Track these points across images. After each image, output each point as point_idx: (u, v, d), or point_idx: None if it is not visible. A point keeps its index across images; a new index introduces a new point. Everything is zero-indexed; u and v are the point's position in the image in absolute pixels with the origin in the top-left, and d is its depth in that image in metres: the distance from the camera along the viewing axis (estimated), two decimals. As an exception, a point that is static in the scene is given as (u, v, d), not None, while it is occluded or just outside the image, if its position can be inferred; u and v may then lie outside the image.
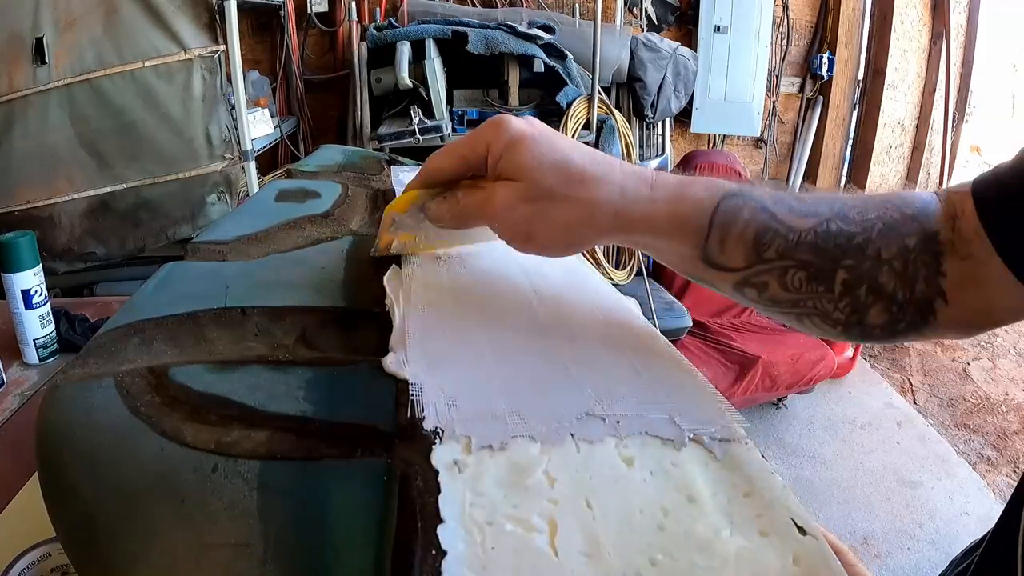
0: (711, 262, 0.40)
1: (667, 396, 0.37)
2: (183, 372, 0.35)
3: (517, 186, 0.38)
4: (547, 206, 0.38)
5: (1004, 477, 2.32)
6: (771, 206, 0.39)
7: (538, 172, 0.38)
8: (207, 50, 1.94)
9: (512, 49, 2.27)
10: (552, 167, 0.38)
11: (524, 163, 0.38)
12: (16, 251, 0.93)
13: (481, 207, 0.40)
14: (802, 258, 0.39)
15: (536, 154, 0.38)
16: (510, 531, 0.27)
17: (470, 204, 0.41)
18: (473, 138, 0.40)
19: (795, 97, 3.35)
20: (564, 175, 0.38)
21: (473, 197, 0.40)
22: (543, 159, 0.38)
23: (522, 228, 0.39)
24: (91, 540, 0.30)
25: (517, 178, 0.38)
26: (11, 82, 1.83)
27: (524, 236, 0.40)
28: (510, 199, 0.38)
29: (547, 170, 0.38)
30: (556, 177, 0.38)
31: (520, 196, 0.38)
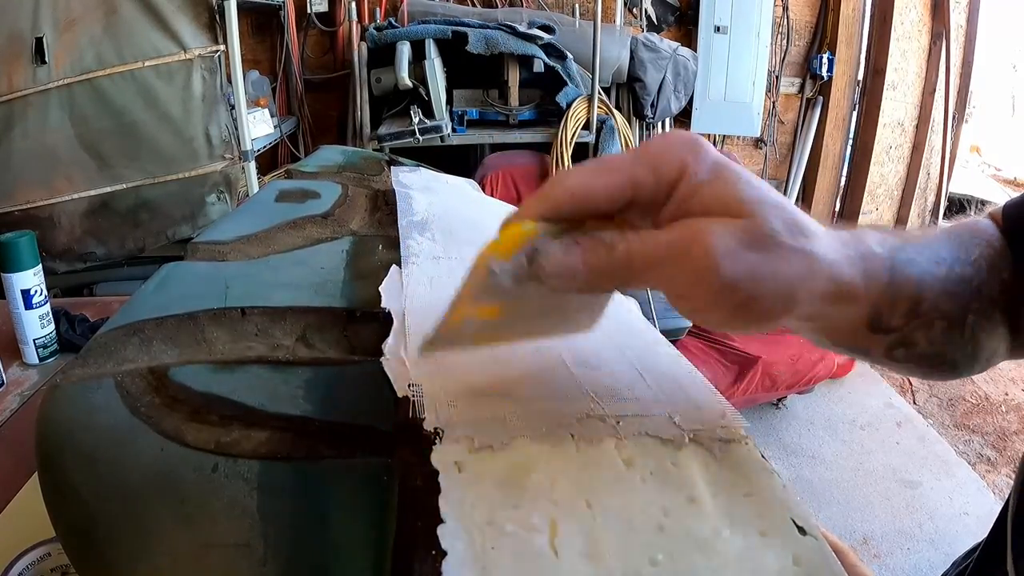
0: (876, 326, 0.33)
1: (667, 396, 0.37)
2: (183, 372, 0.35)
3: (738, 224, 0.26)
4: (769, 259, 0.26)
5: (1004, 477, 2.32)
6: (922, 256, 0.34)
7: (765, 208, 0.27)
8: (207, 50, 1.94)
9: (512, 49, 2.27)
10: (775, 205, 0.27)
11: (745, 195, 0.27)
12: (16, 251, 0.93)
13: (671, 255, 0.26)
14: (944, 308, 0.35)
15: (756, 185, 0.27)
16: (510, 531, 0.27)
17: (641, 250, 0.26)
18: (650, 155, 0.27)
19: (795, 97, 3.35)
20: (787, 218, 0.27)
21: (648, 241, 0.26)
22: (766, 193, 0.27)
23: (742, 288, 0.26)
24: (91, 540, 0.30)
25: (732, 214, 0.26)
26: (11, 82, 1.83)
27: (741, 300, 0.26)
28: (730, 242, 0.25)
29: (771, 208, 0.27)
30: (781, 219, 0.27)
31: (742, 239, 0.26)
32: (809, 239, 0.28)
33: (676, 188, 0.27)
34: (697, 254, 0.25)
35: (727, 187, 0.27)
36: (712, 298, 0.26)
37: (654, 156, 0.27)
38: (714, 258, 0.25)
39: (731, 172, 0.27)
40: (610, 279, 0.28)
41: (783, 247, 0.27)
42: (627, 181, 0.27)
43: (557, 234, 0.27)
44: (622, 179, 0.27)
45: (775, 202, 0.27)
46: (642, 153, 0.28)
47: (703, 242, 0.25)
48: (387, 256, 0.51)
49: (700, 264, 0.25)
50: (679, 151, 0.27)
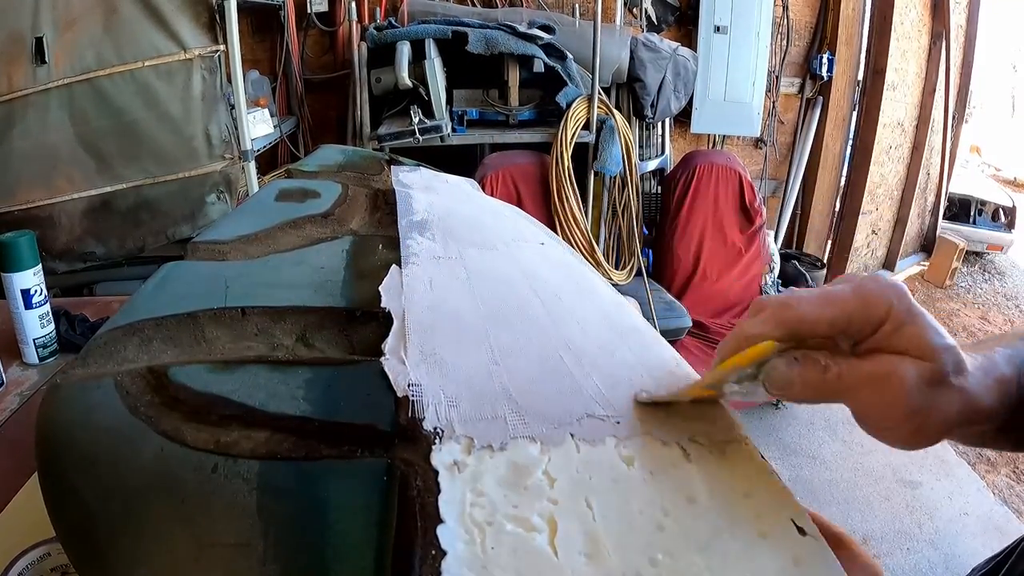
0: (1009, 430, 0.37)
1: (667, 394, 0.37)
2: (183, 372, 0.35)
3: (925, 367, 0.32)
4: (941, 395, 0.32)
5: (1003, 477, 2.32)
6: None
7: (944, 354, 0.32)
8: (207, 50, 1.94)
9: (512, 49, 2.27)
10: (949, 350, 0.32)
11: (932, 341, 0.32)
12: (16, 251, 0.93)
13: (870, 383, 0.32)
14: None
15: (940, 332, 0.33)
16: (510, 531, 0.27)
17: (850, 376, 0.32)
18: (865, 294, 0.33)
19: (795, 97, 3.35)
20: (956, 361, 0.33)
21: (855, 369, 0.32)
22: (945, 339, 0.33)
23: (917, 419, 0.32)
24: (91, 540, 0.30)
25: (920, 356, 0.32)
26: (11, 82, 1.83)
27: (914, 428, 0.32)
28: (916, 381, 0.31)
29: (948, 354, 0.32)
30: (952, 363, 0.32)
31: (927, 379, 0.32)
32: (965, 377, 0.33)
33: (881, 326, 0.32)
34: (894, 385, 0.32)
35: (921, 332, 0.32)
36: (896, 422, 0.33)
37: (868, 296, 0.33)
38: (906, 391, 0.31)
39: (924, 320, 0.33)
40: (817, 393, 0.33)
41: (951, 387, 0.32)
42: (846, 316, 0.33)
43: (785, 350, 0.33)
44: (843, 313, 0.33)
45: (949, 347, 0.33)
46: (859, 291, 0.33)
47: (900, 377, 0.31)
48: (387, 256, 0.51)
49: (894, 394, 0.32)
50: (888, 295, 0.33)
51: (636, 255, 2.63)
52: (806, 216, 3.54)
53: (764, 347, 0.33)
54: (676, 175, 2.76)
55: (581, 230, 2.45)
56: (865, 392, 0.32)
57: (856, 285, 0.33)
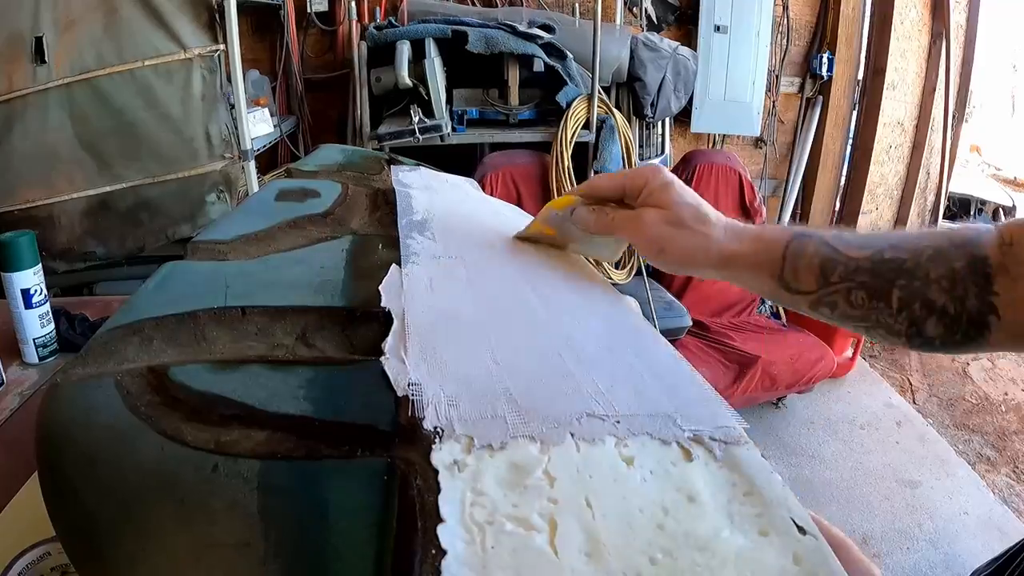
0: (788, 288, 0.49)
1: (667, 396, 0.37)
2: (183, 372, 0.35)
3: (663, 213, 0.50)
4: (679, 232, 0.50)
5: (1003, 477, 2.32)
6: (832, 241, 0.48)
7: (682, 207, 0.50)
8: (207, 49, 1.94)
9: (512, 48, 2.27)
10: (689, 207, 0.50)
11: (672, 198, 0.51)
12: (16, 250, 0.93)
13: (629, 221, 0.52)
14: (861, 280, 0.46)
15: (681, 194, 0.51)
16: (510, 531, 0.27)
17: (619, 217, 0.52)
18: (635, 172, 0.53)
19: (795, 97, 3.35)
20: (695, 214, 0.50)
21: (622, 213, 0.52)
22: (686, 199, 0.51)
23: (657, 244, 0.50)
24: (91, 540, 0.30)
25: (663, 207, 0.50)
26: (11, 82, 1.83)
27: (657, 249, 0.51)
28: (656, 220, 0.50)
29: (687, 207, 0.50)
30: (690, 214, 0.50)
31: (663, 219, 0.50)
32: (706, 226, 0.50)
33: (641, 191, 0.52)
34: (638, 221, 0.51)
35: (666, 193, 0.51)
36: (644, 246, 0.52)
37: (634, 173, 0.53)
38: (645, 224, 0.51)
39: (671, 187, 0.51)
40: (607, 228, 0.53)
41: (687, 227, 0.50)
42: (619, 184, 0.54)
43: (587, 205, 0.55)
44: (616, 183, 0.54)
45: (690, 204, 0.51)
46: (631, 171, 0.54)
47: (642, 216, 0.51)
48: (387, 255, 0.51)
49: (638, 226, 0.51)
50: (645, 172, 0.53)
51: (636, 255, 2.63)
52: (806, 216, 3.53)
53: (569, 199, 0.56)
54: (676, 174, 2.75)
55: (581, 230, 2.45)
56: (626, 226, 0.52)
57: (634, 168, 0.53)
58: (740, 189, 2.71)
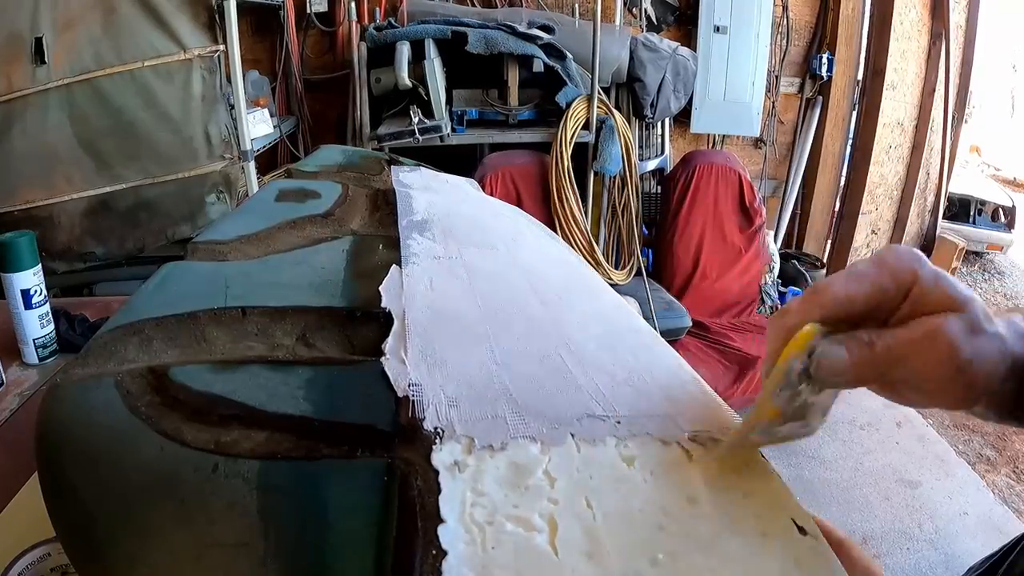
0: None
1: (667, 396, 0.37)
2: (183, 372, 0.35)
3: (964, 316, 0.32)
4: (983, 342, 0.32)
5: (1003, 477, 2.32)
6: None
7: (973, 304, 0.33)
8: (206, 50, 1.94)
9: (512, 49, 2.27)
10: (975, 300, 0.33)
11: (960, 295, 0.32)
12: (16, 251, 0.93)
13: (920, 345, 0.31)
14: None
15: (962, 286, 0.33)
16: (510, 531, 0.27)
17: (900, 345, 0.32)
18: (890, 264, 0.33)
19: (794, 97, 3.35)
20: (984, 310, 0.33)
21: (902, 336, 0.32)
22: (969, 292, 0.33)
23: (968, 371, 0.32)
24: (91, 540, 0.30)
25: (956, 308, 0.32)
26: (10, 82, 1.83)
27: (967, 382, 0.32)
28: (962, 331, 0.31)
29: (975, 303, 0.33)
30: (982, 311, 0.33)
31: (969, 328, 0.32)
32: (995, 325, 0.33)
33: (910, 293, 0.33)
34: (941, 342, 0.31)
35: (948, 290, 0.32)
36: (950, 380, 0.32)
37: (893, 267, 0.33)
38: (956, 344, 0.31)
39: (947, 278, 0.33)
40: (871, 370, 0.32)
41: (988, 333, 0.32)
42: (879, 287, 0.33)
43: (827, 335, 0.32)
44: (874, 286, 0.33)
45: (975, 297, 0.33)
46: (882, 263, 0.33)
47: (945, 331, 0.31)
48: (387, 256, 0.51)
49: (943, 350, 0.31)
50: (910, 260, 0.33)
51: (636, 255, 2.63)
52: (806, 216, 3.54)
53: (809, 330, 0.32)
54: (676, 175, 2.76)
55: (581, 230, 2.45)
56: (914, 357, 0.31)
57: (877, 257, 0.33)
58: (740, 189, 2.71)
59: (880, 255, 0.34)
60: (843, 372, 0.32)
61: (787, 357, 0.32)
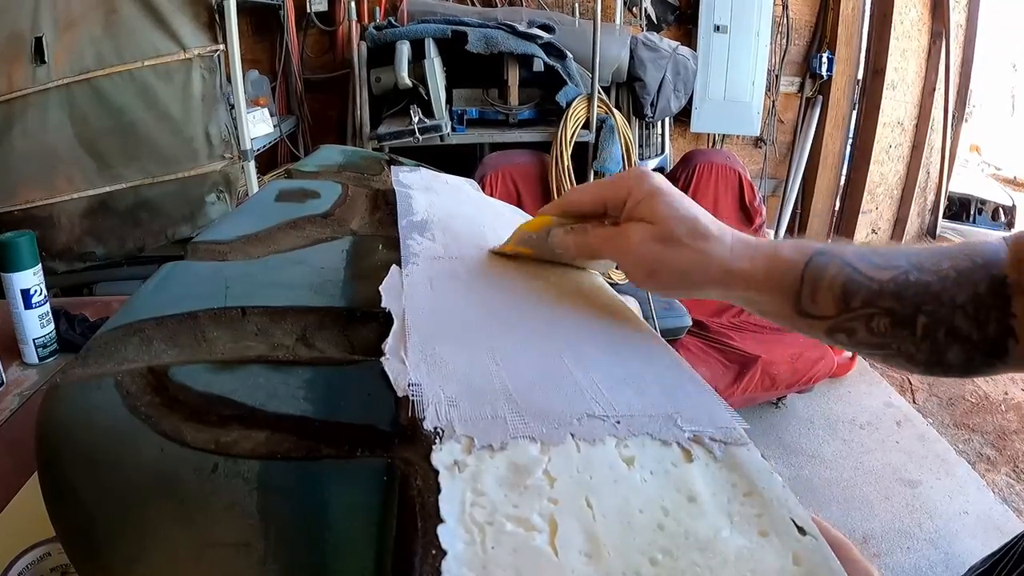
0: (804, 312, 0.44)
1: (667, 396, 0.37)
2: (183, 372, 0.35)
3: (651, 228, 0.43)
4: (672, 250, 0.42)
5: (1004, 476, 2.32)
6: (854, 261, 0.43)
7: (672, 221, 0.42)
8: (206, 49, 1.94)
9: (512, 48, 2.27)
10: (683, 219, 0.43)
11: (661, 211, 0.43)
12: (16, 251, 0.93)
13: (612, 241, 0.44)
14: (885, 306, 0.43)
15: (674, 206, 0.43)
16: (510, 531, 0.27)
17: (600, 237, 0.45)
18: (615, 182, 0.45)
19: (795, 96, 3.35)
20: (691, 228, 0.43)
21: (604, 232, 0.45)
22: (678, 211, 0.43)
23: (646, 265, 0.43)
24: (91, 540, 0.30)
25: (652, 222, 0.43)
26: (10, 82, 1.83)
27: (646, 272, 0.44)
28: (643, 238, 0.43)
29: (679, 220, 0.43)
30: (685, 228, 0.43)
31: (653, 237, 0.43)
32: (707, 243, 0.43)
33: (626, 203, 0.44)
34: (622, 242, 0.44)
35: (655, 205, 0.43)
36: (632, 269, 0.44)
37: (615, 182, 0.45)
38: (632, 246, 0.43)
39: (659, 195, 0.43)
40: (588, 252, 0.47)
41: (681, 244, 0.43)
42: (598, 197, 0.46)
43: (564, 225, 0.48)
44: (595, 196, 0.46)
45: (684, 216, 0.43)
46: (612, 180, 0.46)
47: (626, 235, 0.44)
48: (387, 256, 0.51)
49: (623, 246, 0.44)
50: (628, 180, 0.45)
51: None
52: (806, 215, 3.54)
53: (544, 219, 0.48)
54: (676, 174, 2.76)
55: (581, 230, 2.45)
56: (608, 247, 0.45)
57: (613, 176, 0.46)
58: (740, 189, 2.71)
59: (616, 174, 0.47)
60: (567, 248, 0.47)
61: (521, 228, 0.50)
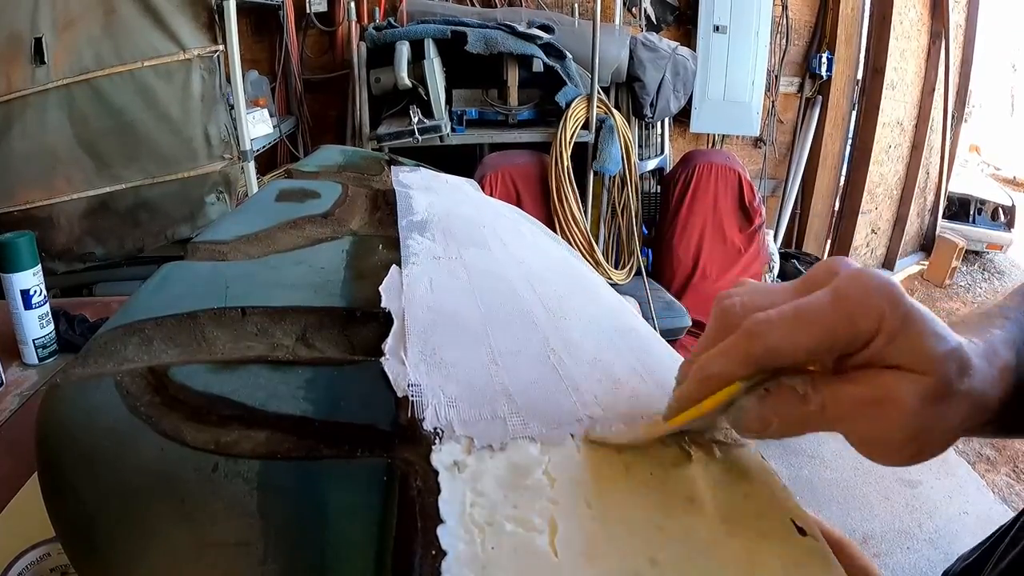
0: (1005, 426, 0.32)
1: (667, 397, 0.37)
2: (183, 372, 0.35)
3: (927, 383, 0.27)
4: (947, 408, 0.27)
5: (1003, 476, 2.32)
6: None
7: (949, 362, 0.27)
8: (206, 50, 1.94)
9: (511, 49, 2.27)
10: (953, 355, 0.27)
11: (934, 350, 0.27)
12: (15, 251, 0.93)
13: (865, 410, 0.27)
14: None
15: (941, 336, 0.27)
16: (510, 531, 0.27)
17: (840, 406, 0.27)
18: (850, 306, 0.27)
19: (794, 97, 3.35)
20: (961, 363, 0.28)
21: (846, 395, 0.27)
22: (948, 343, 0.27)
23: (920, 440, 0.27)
24: (91, 540, 0.30)
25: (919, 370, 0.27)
26: (10, 82, 1.83)
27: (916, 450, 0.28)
28: (918, 402, 0.27)
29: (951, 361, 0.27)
30: (956, 367, 0.27)
31: (930, 397, 0.27)
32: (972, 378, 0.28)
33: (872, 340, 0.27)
34: (891, 411, 0.27)
35: (919, 341, 0.27)
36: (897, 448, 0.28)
37: (854, 307, 0.27)
38: (907, 415, 0.27)
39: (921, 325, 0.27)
40: (800, 429, 0.28)
41: (957, 395, 0.27)
42: (828, 336, 0.27)
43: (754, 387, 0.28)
44: (823, 334, 0.27)
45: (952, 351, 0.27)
46: (841, 302, 0.27)
47: (897, 400, 0.26)
48: (387, 256, 0.51)
49: (893, 421, 0.27)
50: (878, 302, 0.27)
51: (635, 255, 2.63)
52: (805, 215, 3.54)
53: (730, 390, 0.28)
54: (675, 175, 2.76)
55: (581, 230, 2.45)
56: (859, 421, 0.28)
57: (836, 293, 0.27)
58: (739, 189, 2.71)
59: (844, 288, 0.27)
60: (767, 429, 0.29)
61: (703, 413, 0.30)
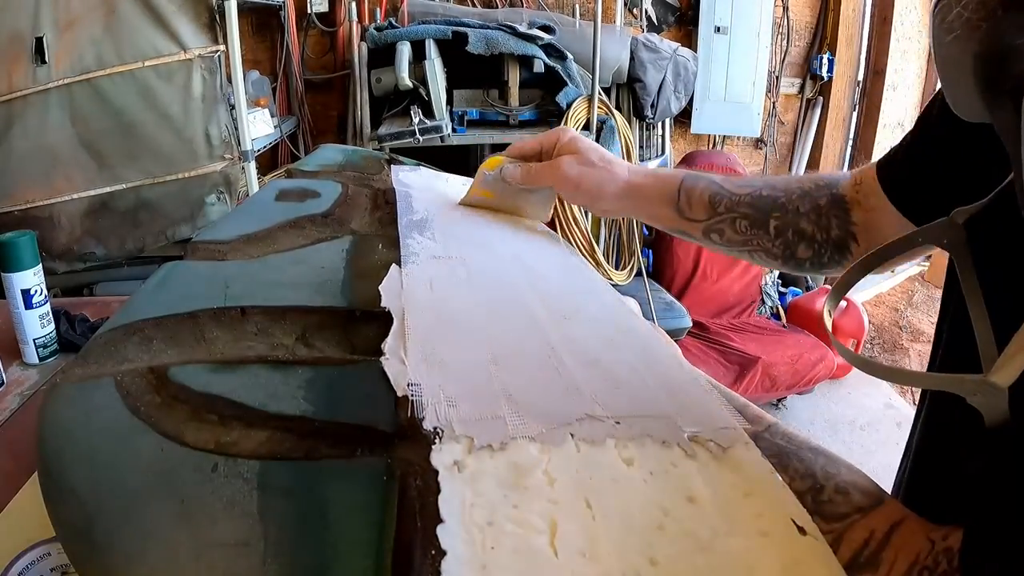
0: (683, 215, 0.60)
1: (667, 397, 0.37)
2: (183, 372, 0.35)
3: (575, 156, 0.62)
4: (591, 170, 0.62)
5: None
6: (719, 180, 0.61)
7: (588, 152, 0.63)
8: (207, 50, 1.94)
9: (512, 49, 2.27)
10: (595, 151, 0.63)
11: (580, 146, 0.63)
12: (16, 251, 0.93)
13: (548, 168, 0.64)
14: (743, 211, 0.58)
15: (587, 143, 0.64)
16: (510, 531, 0.27)
17: (539, 167, 0.64)
18: (547, 134, 0.66)
19: (795, 98, 3.35)
20: (601, 156, 0.63)
21: (541, 164, 0.65)
22: (591, 146, 0.64)
23: (573, 181, 0.62)
24: (91, 540, 0.30)
25: (575, 153, 0.62)
26: (11, 82, 1.83)
27: (574, 186, 0.62)
28: (570, 162, 0.62)
29: (592, 151, 0.63)
30: (597, 156, 0.63)
31: (576, 162, 0.62)
32: (612, 166, 0.62)
33: (555, 146, 0.65)
34: (555, 165, 0.63)
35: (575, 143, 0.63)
36: (563, 185, 0.63)
37: (547, 134, 0.66)
38: (562, 166, 0.62)
39: (578, 139, 0.64)
40: (530, 179, 0.65)
41: (595, 166, 0.62)
42: (537, 143, 0.67)
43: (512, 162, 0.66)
44: (534, 142, 0.67)
45: (595, 149, 0.63)
46: (545, 133, 0.66)
47: (557, 163, 0.63)
48: (387, 255, 0.51)
49: (557, 169, 0.63)
50: (556, 132, 0.65)
51: (636, 255, 2.63)
52: (806, 216, 3.53)
53: (496, 159, 0.67)
54: (676, 175, 2.76)
55: (581, 230, 2.45)
56: (546, 172, 0.64)
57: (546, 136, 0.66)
58: (740, 190, 2.71)
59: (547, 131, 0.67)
60: (515, 177, 0.65)
61: (481, 168, 0.67)
